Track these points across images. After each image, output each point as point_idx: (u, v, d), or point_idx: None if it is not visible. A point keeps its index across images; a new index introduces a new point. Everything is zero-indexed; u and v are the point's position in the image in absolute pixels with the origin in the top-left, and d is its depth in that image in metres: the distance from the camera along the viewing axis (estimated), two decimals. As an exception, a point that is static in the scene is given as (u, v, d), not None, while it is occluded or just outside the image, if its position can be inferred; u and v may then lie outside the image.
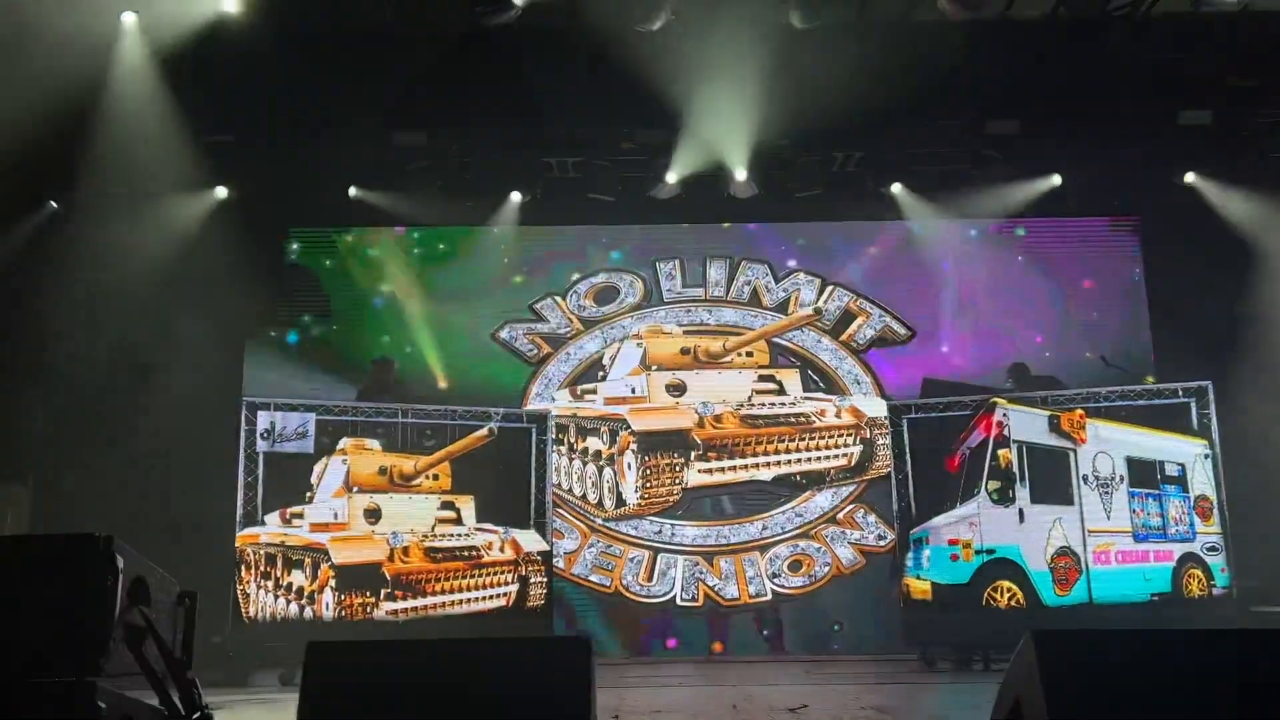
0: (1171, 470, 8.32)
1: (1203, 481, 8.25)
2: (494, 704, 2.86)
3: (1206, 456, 8.24)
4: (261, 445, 8.14)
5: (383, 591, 8.05)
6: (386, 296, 10.60)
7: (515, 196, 10.27)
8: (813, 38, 8.28)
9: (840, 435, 10.16)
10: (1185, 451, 8.32)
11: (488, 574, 8.41)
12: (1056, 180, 10.27)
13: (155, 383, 9.38)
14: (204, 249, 9.74)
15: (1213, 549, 8.18)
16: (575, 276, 10.77)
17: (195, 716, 3.06)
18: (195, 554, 7.88)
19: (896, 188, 10.29)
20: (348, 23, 8.67)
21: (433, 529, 8.32)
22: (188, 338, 9.52)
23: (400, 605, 8.11)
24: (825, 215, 10.74)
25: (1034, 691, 2.83)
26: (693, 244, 10.91)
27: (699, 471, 10.00)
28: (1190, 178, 10.15)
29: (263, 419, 8.19)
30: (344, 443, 8.31)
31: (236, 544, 7.96)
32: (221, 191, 9.94)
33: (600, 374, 10.47)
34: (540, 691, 2.86)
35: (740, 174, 9.76)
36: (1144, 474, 8.31)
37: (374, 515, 8.23)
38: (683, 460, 9.95)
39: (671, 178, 9.88)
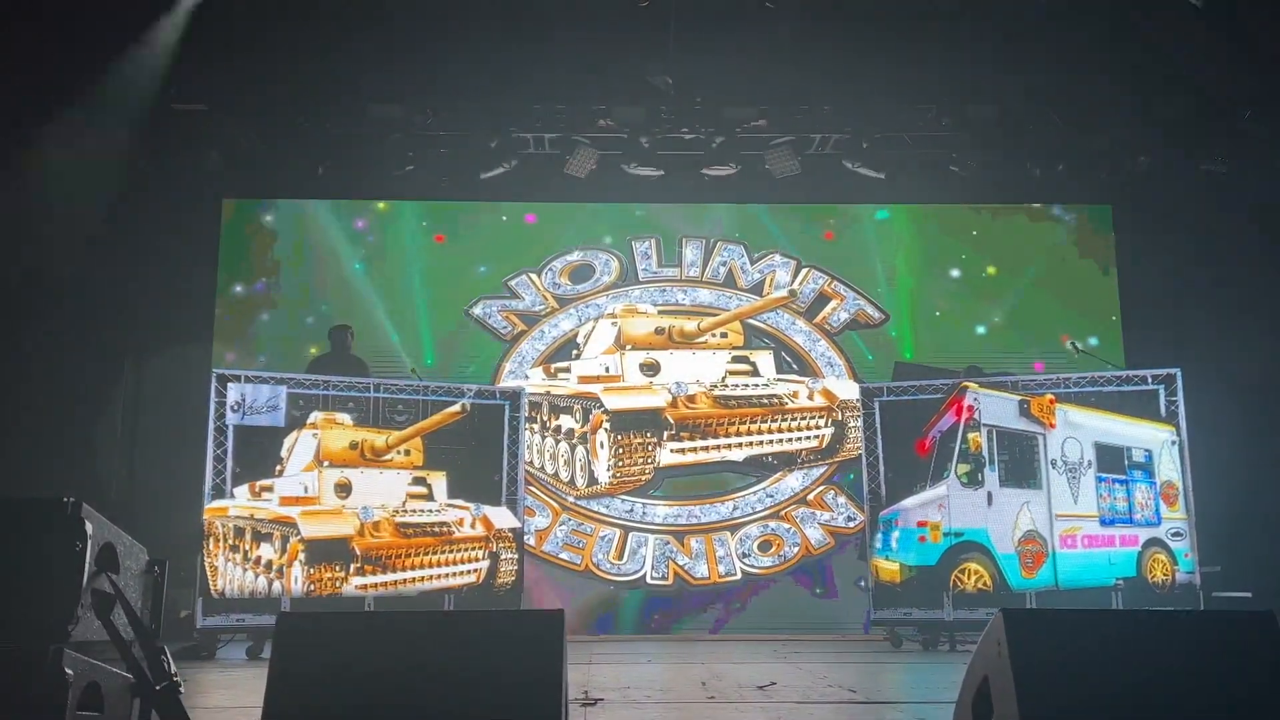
0: (1139, 456, 8.39)
1: (1169, 468, 8.33)
2: (465, 676, 2.85)
3: (1174, 443, 8.32)
4: (231, 418, 8.05)
5: (352, 566, 8.01)
6: (354, 270, 10.54)
7: (491, 172, 10.21)
8: (791, 16, 8.27)
9: (812, 417, 10.19)
10: (1153, 438, 8.40)
11: (458, 550, 8.38)
12: (1030, 167, 10.32)
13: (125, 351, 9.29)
14: (177, 218, 9.63)
15: (1177, 534, 8.27)
16: (550, 254, 10.72)
17: (164, 685, 3.03)
18: (162, 526, 7.83)
19: (872, 171, 10.31)
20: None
21: (404, 504, 8.28)
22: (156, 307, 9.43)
23: (370, 580, 8.07)
24: (801, 197, 10.76)
25: (1002, 669, 2.85)
26: (669, 224, 10.89)
27: (671, 451, 10.01)
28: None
29: (233, 391, 8.09)
30: (315, 416, 8.23)
31: (204, 516, 7.88)
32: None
33: (574, 352, 10.45)
34: (512, 663, 2.85)
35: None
36: (1111, 459, 8.39)
37: (344, 490, 8.16)
38: (655, 440, 9.96)
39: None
